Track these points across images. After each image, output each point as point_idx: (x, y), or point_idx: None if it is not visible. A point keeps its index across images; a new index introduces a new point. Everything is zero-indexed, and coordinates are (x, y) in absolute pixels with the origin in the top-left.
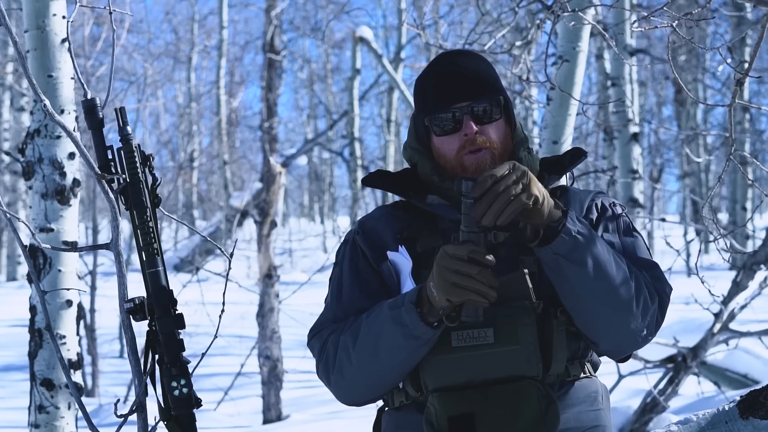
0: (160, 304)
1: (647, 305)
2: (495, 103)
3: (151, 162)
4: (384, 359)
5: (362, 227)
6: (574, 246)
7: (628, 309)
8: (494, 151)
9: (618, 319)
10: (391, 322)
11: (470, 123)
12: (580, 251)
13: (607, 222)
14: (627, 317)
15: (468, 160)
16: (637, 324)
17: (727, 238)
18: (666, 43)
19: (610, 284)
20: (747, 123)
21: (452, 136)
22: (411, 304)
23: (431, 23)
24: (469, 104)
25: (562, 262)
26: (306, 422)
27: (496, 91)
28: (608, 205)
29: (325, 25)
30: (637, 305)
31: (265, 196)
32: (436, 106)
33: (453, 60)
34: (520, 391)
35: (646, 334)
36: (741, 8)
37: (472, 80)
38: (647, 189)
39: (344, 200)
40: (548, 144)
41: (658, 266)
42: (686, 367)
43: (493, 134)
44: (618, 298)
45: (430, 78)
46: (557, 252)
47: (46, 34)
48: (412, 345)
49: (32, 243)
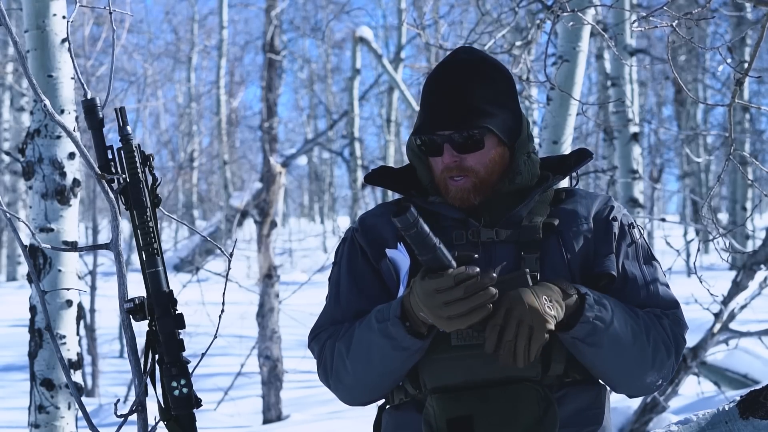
0: (160, 304)
1: (663, 362)
2: (478, 133)
3: (151, 162)
4: (378, 368)
5: (362, 224)
6: (592, 331)
7: (643, 371)
8: (476, 180)
9: (633, 379)
10: (379, 334)
11: (449, 153)
12: (598, 335)
13: (627, 248)
14: (643, 376)
15: (451, 184)
16: (653, 378)
17: (727, 238)
18: (666, 43)
19: (627, 357)
20: (747, 123)
21: (437, 158)
22: (396, 319)
23: (431, 23)
24: (450, 134)
25: (580, 345)
26: (306, 422)
27: (486, 117)
28: (627, 227)
29: (325, 25)
30: (653, 365)
31: (265, 196)
32: (422, 127)
33: (448, 79)
34: (519, 393)
35: (661, 383)
36: (741, 8)
37: (457, 109)
38: (647, 189)
39: (344, 200)
40: (548, 144)
41: (678, 305)
42: (686, 367)
43: (474, 162)
44: (634, 365)
45: (425, 96)
46: (575, 337)
47: (46, 34)
48: (403, 355)
49: (32, 243)
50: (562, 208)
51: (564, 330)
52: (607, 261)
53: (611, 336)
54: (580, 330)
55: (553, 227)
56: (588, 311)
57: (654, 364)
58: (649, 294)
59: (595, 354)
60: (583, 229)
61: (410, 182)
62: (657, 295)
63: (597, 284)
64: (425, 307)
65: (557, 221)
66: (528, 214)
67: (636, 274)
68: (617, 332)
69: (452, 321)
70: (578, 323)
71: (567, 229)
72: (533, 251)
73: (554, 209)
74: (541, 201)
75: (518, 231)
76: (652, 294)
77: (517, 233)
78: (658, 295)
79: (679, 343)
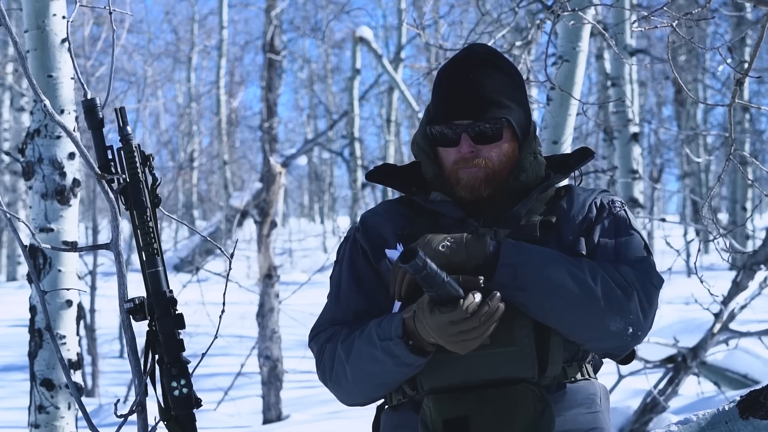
0: (160, 304)
1: (622, 305)
2: (496, 125)
3: (151, 162)
4: (378, 378)
5: (363, 223)
6: (514, 274)
7: (599, 315)
8: (489, 170)
9: (591, 325)
10: (381, 352)
11: (466, 143)
12: (522, 278)
13: (604, 221)
14: (600, 321)
15: (462, 174)
16: (618, 324)
17: (727, 238)
18: (666, 43)
19: (570, 300)
20: (747, 123)
21: (450, 149)
22: (398, 339)
23: (431, 23)
24: (468, 123)
25: (511, 293)
26: (306, 422)
27: (504, 109)
28: (607, 203)
29: (325, 25)
30: (610, 308)
31: (265, 196)
32: (438, 117)
33: (467, 71)
34: (515, 394)
35: (633, 331)
36: (741, 8)
37: (477, 99)
38: (647, 189)
39: (344, 200)
40: (548, 144)
41: (646, 259)
42: (686, 367)
43: (491, 153)
44: (584, 309)
45: (441, 86)
46: (502, 284)
47: (46, 34)
48: (405, 370)
49: (32, 243)
50: (560, 205)
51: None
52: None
53: (542, 278)
54: (501, 274)
55: (551, 225)
56: (505, 257)
57: (610, 307)
58: (618, 258)
59: (533, 301)
60: (578, 225)
61: (411, 180)
62: (625, 258)
63: None
64: (440, 338)
65: (554, 218)
66: (526, 213)
67: (608, 243)
68: (548, 275)
69: (469, 344)
70: (497, 267)
71: (564, 226)
72: None
73: (553, 207)
74: (539, 199)
75: (516, 230)
76: (621, 257)
77: (516, 232)
78: (626, 258)
79: (645, 287)
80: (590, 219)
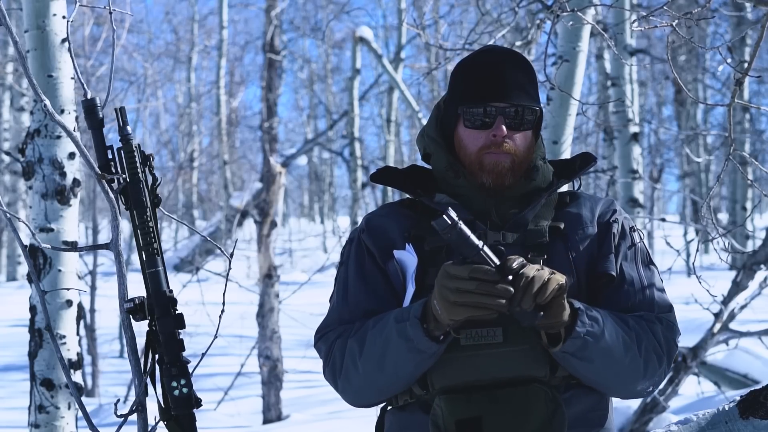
0: (160, 304)
1: (655, 370)
2: (530, 113)
3: (151, 162)
4: (390, 370)
5: (368, 225)
6: (583, 346)
7: (635, 380)
8: (516, 158)
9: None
10: (396, 335)
11: (501, 125)
12: (589, 350)
13: (627, 250)
14: (634, 385)
15: (488, 159)
16: (644, 385)
17: (727, 238)
18: (666, 43)
19: (618, 369)
20: (747, 123)
21: (480, 131)
22: (416, 319)
23: (431, 23)
24: (505, 106)
25: (570, 359)
26: (306, 422)
27: (534, 101)
28: (628, 230)
29: (325, 25)
30: (645, 375)
31: (265, 196)
32: (473, 97)
33: (500, 58)
34: (528, 395)
35: (653, 389)
36: (741, 8)
37: (514, 84)
38: (647, 189)
39: (344, 200)
40: (548, 144)
41: (672, 309)
42: (686, 367)
43: (520, 142)
44: (625, 376)
45: (473, 69)
46: (566, 351)
47: (46, 34)
48: (417, 358)
49: (32, 243)
50: (567, 212)
51: (554, 344)
52: (607, 261)
53: (602, 350)
54: (570, 345)
55: (559, 230)
56: (579, 327)
57: (646, 373)
58: (644, 297)
59: (587, 368)
60: (587, 232)
61: (416, 182)
62: (652, 298)
63: (596, 284)
64: (438, 284)
65: (563, 225)
66: (534, 218)
67: (633, 276)
68: (608, 346)
69: (456, 307)
70: (569, 338)
71: (572, 233)
72: (540, 254)
73: (559, 213)
74: (546, 204)
75: (525, 234)
76: (647, 297)
77: (524, 236)
78: (653, 299)
79: (671, 349)
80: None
